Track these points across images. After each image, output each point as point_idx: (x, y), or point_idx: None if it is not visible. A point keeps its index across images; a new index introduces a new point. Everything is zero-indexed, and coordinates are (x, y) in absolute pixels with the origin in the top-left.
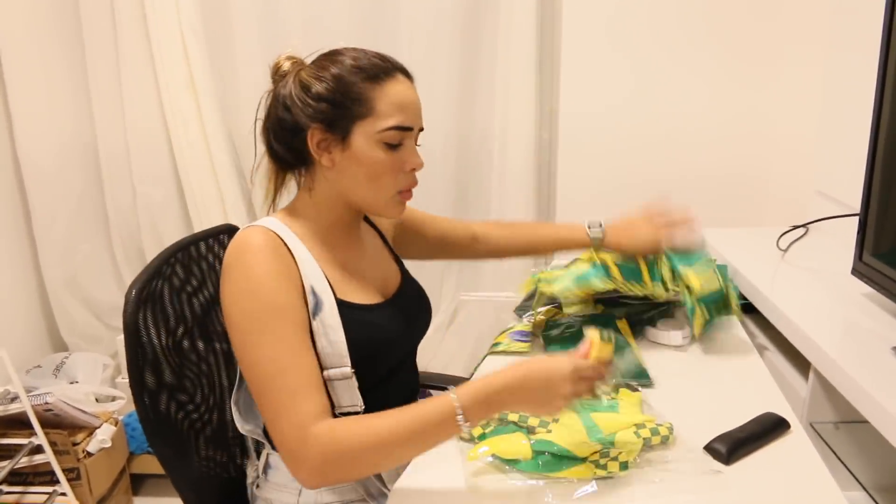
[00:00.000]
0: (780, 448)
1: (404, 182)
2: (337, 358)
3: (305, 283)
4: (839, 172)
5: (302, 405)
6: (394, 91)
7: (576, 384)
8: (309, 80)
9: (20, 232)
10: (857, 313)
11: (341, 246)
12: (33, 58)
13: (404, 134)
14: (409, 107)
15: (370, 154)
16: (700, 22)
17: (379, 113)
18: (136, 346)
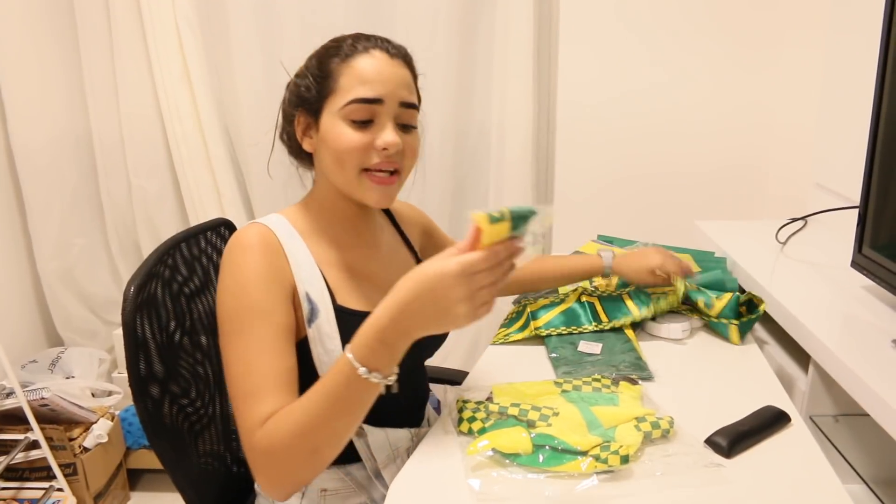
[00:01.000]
0: (780, 441)
1: (371, 160)
2: (330, 365)
3: (300, 289)
4: (838, 165)
5: (254, 408)
6: (360, 65)
7: (470, 283)
8: (299, 69)
9: (15, 226)
10: (856, 306)
11: (348, 245)
12: (27, 49)
13: (372, 109)
14: (376, 79)
15: (334, 131)
16: (699, 10)
17: (341, 88)
18: (136, 343)
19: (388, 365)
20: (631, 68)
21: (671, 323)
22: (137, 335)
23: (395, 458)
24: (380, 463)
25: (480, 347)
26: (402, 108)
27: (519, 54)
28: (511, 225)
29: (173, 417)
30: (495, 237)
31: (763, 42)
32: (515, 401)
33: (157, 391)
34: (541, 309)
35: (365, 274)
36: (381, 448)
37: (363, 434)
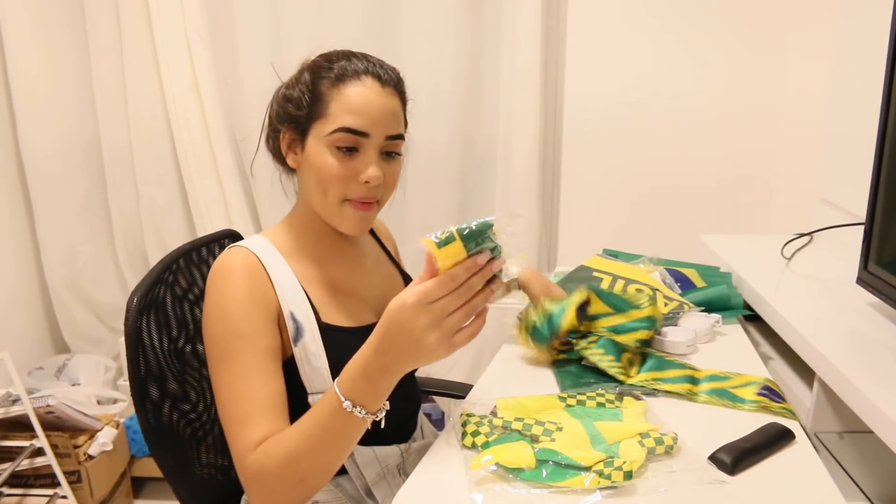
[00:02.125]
0: (784, 458)
1: (354, 192)
2: (320, 383)
3: (284, 310)
4: (844, 181)
5: (245, 433)
6: (352, 93)
7: (430, 311)
8: (289, 81)
9: (23, 233)
10: (861, 323)
11: (332, 262)
12: (38, 58)
13: (358, 140)
14: (366, 111)
15: (318, 157)
16: (704, 17)
17: (330, 114)
18: (138, 352)
19: (373, 401)
20: (637, 80)
21: (675, 338)
22: (140, 342)
23: (384, 476)
24: (369, 480)
25: (485, 360)
26: (387, 141)
27: (526, 65)
28: (464, 243)
29: (174, 426)
30: (451, 259)
31: (769, 53)
32: (519, 415)
33: (157, 399)
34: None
35: (348, 290)
36: (370, 465)
37: (350, 453)
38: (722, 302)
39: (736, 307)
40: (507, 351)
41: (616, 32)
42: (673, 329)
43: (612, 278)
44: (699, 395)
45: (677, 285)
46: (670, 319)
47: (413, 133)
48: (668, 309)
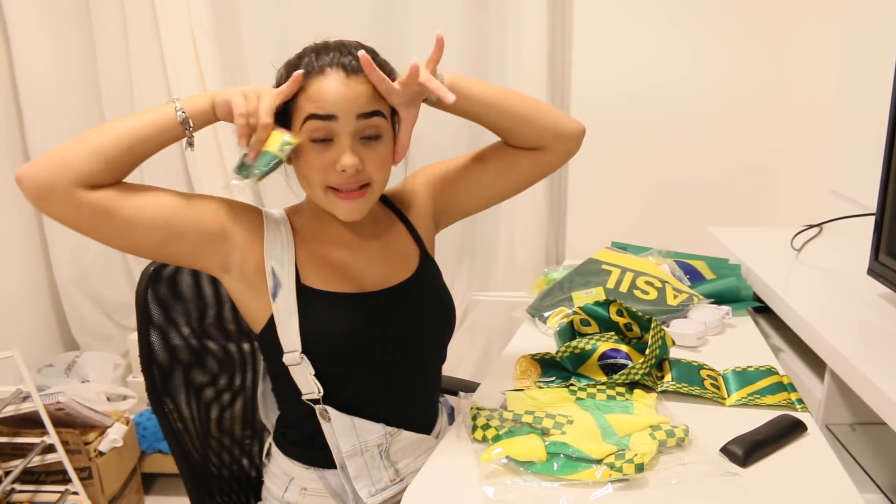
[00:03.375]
0: (796, 450)
1: (334, 181)
2: (290, 342)
3: (266, 263)
4: (854, 172)
5: None
6: (316, 86)
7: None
8: (277, 78)
9: (31, 230)
10: (872, 314)
11: (330, 240)
12: (44, 55)
13: (329, 126)
14: (328, 97)
15: (300, 150)
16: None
17: (298, 107)
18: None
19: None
20: (644, 74)
21: (685, 330)
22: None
23: (362, 452)
24: (345, 452)
25: (492, 356)
26: (361, 120)
27: (532, 60)
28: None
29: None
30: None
31: (778, 44)
32: (529, 408)
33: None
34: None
35: (338, 264)
36: (346, 434)
37: (327, 417)
38: (732, 294)
39: (746, 299)
40: (515, 345)
41: (623, 25)
42: (683, 321)
43: (621, 271)
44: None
45: (686, 277)
46: (680, 312)
47: (420, 128)
48: (677, 301)
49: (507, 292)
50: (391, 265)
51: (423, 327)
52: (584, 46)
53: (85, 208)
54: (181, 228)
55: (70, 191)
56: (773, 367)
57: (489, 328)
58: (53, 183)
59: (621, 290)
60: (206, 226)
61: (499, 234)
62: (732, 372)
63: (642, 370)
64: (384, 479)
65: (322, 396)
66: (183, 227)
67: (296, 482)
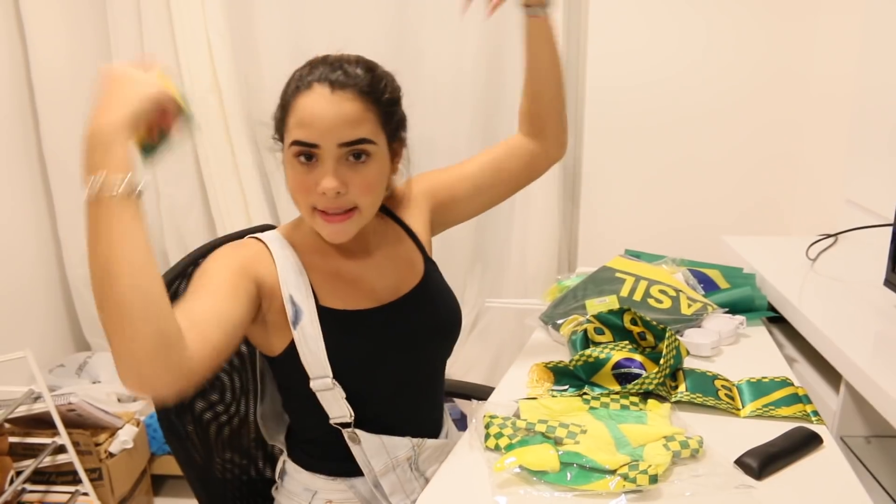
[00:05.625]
0: (812, 463)
1: (318, 203)
2: (319, 368)
3: (284, 293)
4: (870, 181)
5: None
6: (302, 104)
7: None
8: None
9: (45, 231)
10: (889, 325)
11: (338, 254)
12: (61, 58)
13: (312, 150)
14: (312, 121)
15: (287, 169)
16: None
17: (288, 126)
18: None
19: (107, 162)
20: (659, 81)
21: (699, 339)
22: None
23: (394, 467)
24: (377, 471)
25: (504, 364)
26: (342, 148)
27: None
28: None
29: (193, 420)
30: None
31: (794, 49)
32: (543, 417)
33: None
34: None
35: (351, 278)
36: (377, 454)
37: (357, 440)
38: (746, 303)
39: (760, 309)
40: (528, 352)
41: (637, 30)
42: (696, 331)
43: (634, 279)
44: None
45: (700, 286)
46: (694, 321)
47: (434, 131)
48: (691, 310)
49: (520, 299)
50: (400, 272)
51: (439, 331)
52: (599, 45)
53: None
54: (238, 330)
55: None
56: (788, 378)
57: (501, 335)
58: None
59: (635, 298)
60: (247, 310)
61: (511, 240)
62: (747, 383)
63: (656, 380)
64: (416, 490)
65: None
66: (238, 329)
67: (320, 495)
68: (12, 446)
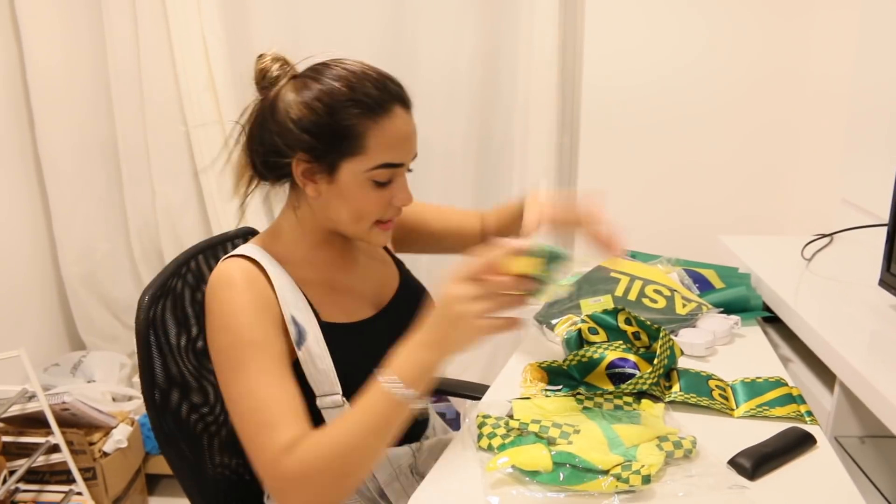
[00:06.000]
0: (806, 463)
1: (389, 215)
2: (328, 385)
3: (285, 313)
4: (866, 181)
5: (275, 439)
6: (389, 128)
7: (470, 312)
8: (296, 105)
9: (40, 230)
10: (884, 325)
11: (327, 264)
12: (55, 56)
13: (395, 171)
14: (403, 144)
15: (356, 191)
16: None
17: (369, 151)
18: (150, 348)
19: (422, 384)
20: (655, 80)
21: (693, 339)
22: (151, 339)
23: (397, 476)
24: (381, 482)
25: (498, 363)
26: (412, 159)
27: (544, 58)
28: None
29: (186, 422)
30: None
31: (789, 48)
32: (536, 417)
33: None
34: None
35: (344, 288)
36: (382, 468)
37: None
38: (741, 303)
39: (755, 309)
40: (522, 351)
41: (634, 26)
42: (691, 331)
43: (629, 278)
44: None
45: (695, 286)
46: (689, 321)
47: (429, 132)
48: (686, 310)
49: None
50: (381, 275)
51: None
52: (595, 45)
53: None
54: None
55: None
56: (782, 379)
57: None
58: None
59: (630, 298)
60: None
61: None
62: (741, 383)
63: (650, 380)
64: (413, 485)
65: None
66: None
67: None
68: (6, 445)
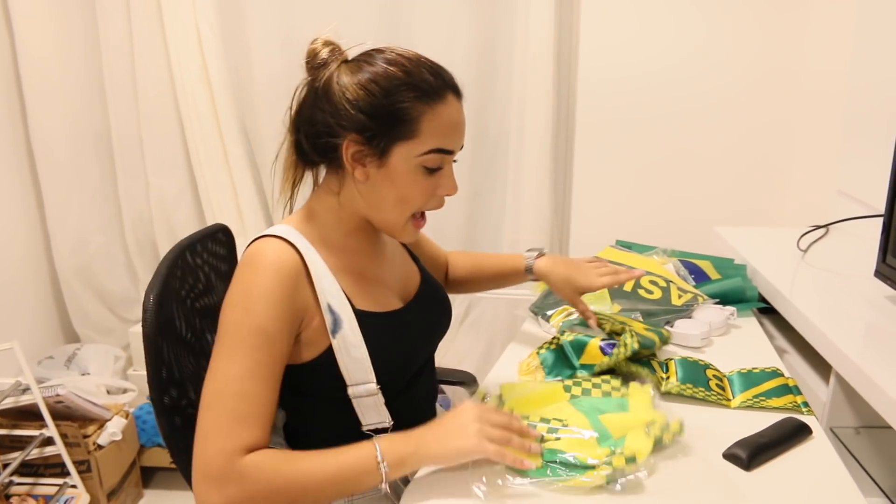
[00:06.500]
0: (801, 454)
1: (432, 205)
2: (361, 374)
3: (321, 301)
4: (862, 172)
5: (242, 434)
6: (443, 114)
7: (482, 423)
8: (352, 86)
9: (33, 222)
10: (879, 316)
11: (360, 252)
12: (48, 47)
13: (444, 157)
14: (455, 131)
15: (406, 176)
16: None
17: (423, 136)
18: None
19: (399, 469)
20: (650, 74)
21: (688, 331)
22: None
23: None
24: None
25: (495, 354)
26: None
27: (540, 50)
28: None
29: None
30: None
31: (786, 40)
32: (524, 411)
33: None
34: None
35: (374, 277)
36: None
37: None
38: (737, 294)
39: (751, 300)
40: (518, 342)
41: (630, 19)
42: (687, 321)
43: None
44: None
45: (691, 277)
46: (685, 312)
47: None
48: (682, 301)
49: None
50: (405, 269)
51: (443, 321)
52: (591, 37)
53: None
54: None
55: None
56: (778, 369)
57: (492, 326)
58: None
59: (626, 289)
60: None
61: (502, 231)
62: (738, 373)
63: (632, 339)
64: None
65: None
66: None
67: None
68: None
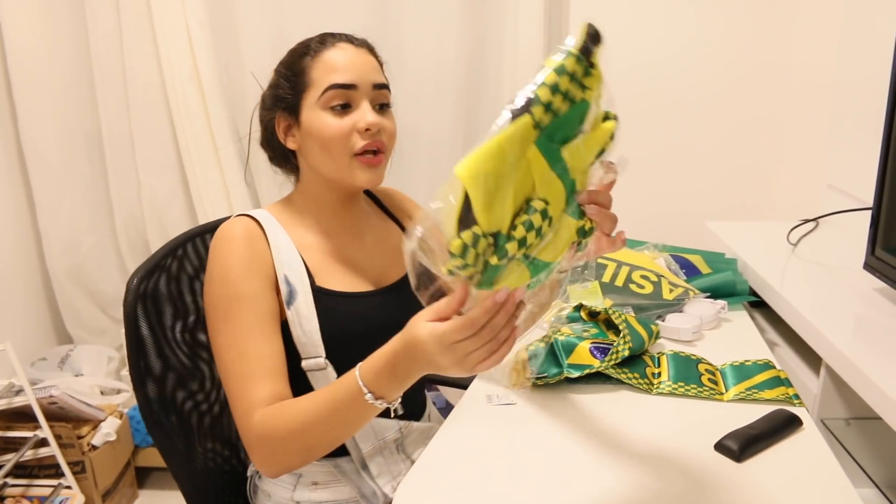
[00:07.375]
0: (792, 445)
1: (358, 143)
2: (312, 348)
3: (279, 272)
4: (851, 166)
5: (251, 392)
6: (329, 56)
7: (453, 351)
8: (271, 79)
9: (24, 223)
10: (869, 308)
11: (332, 232)
12: (38, 47)
13: (348, 94)
14: (348, 67)
15: (318, 122)
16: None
17: (316, 81)
18: (137, 336)
19: (393, 393)
20: (639, 66)
21: (680, 324)
22: (138, 326)
23: (381, 449)
24: (365, 453)
25: None
26: (375, 91)
27: (531, 46)
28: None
29: (175, 409)
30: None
31: (775, 35)
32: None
33: (157, 381)
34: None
35: (347, 259)
36: (366, 437)
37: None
38: (727, 288)
39: (741, 293)
40: None
41: (621, 12)
42: (678, 315)
43: (616, 265)
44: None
45: (682, 272)
46: (676, 306)
47: (416, 121)
48: (673, 295)
49: None
50: (389, 259)
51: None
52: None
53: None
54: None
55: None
56: (770, 361)
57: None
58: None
59: (617, 283)
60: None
61: None
62: (730, 366)
63: (625, 345)
64: (403, 472)
65: None
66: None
67: (305, 479)
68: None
